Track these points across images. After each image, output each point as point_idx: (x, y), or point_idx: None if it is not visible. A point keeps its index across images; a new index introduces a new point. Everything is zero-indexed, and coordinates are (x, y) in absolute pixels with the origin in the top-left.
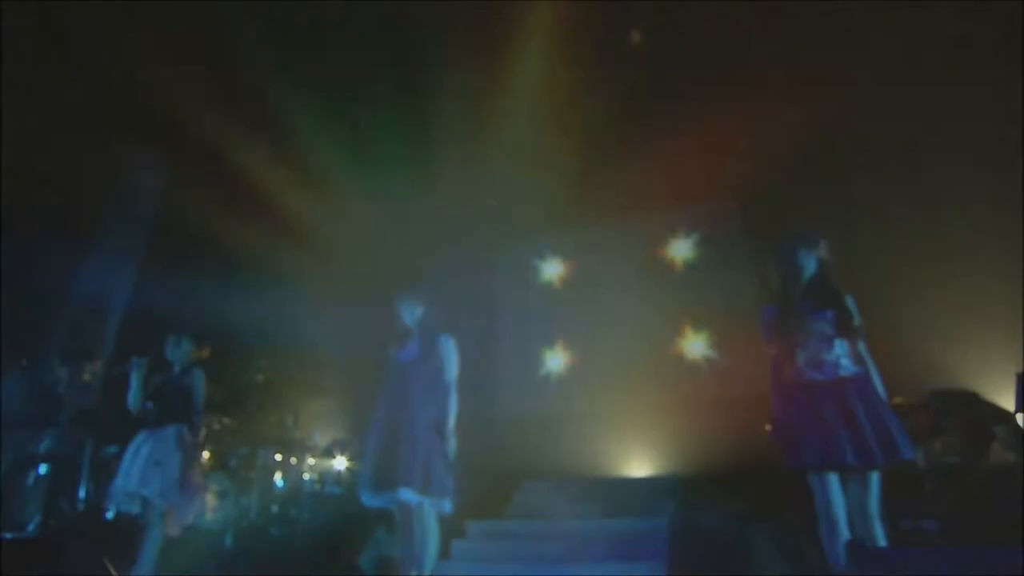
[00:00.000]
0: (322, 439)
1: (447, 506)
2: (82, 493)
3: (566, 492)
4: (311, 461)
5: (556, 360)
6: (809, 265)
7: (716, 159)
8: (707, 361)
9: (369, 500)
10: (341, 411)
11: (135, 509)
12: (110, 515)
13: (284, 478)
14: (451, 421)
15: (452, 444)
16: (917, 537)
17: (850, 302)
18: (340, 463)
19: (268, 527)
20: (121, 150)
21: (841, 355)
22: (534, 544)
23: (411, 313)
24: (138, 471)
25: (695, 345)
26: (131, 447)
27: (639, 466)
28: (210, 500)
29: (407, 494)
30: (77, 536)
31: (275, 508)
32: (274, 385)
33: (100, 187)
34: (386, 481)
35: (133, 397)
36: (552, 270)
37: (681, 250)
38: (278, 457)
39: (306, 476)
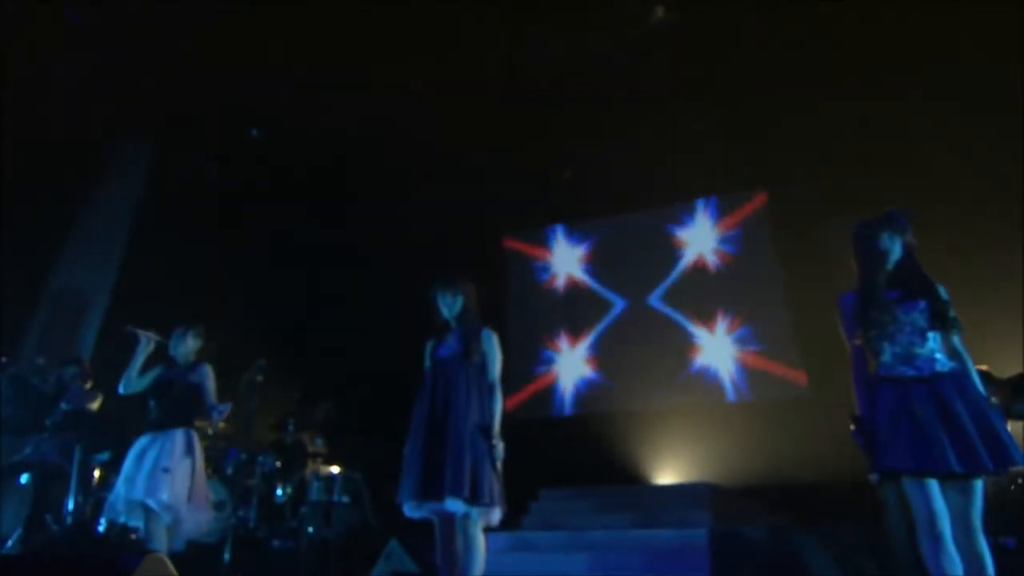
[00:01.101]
0: (327, 444)
1: (496, 516)
2: (70, 505)
3: (587, 500)
4: (316, 468)
5: (572, 359)
6: (895, 249)
7: (743, 144)
8: (738, 361)
9: (412, 511)
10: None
11: (135, 521)
12: (102, 528)
13: (286, 487)
14: (497, 422)
15: (500, 448)
16: (996, 555)
17: (942, 291)
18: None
19: (270, 540)
20: (102, 133)
21: (936, 349)
22: (562, 556)
23: (450, 305)
24: (144, 479)
25: (725, 343)
26: (133, 451)
27: (663, 473)
28: None
29: (455, 504)
30: (65, 552)
31: (277, 519)
32: (276, 386)
33: (79, 172)
34: (432, 490)
35: (128, 377)
36: (567, 262)
37: (707, 241)
38: (279, 464)
39: (312, 484)
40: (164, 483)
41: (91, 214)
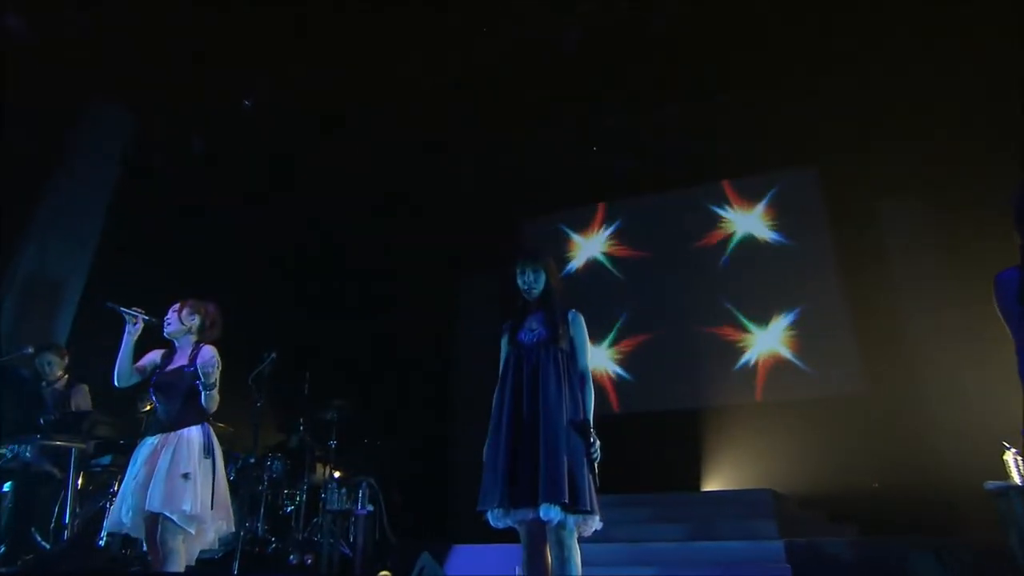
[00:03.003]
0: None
1: (595, 525)
2: (64, 517)
3: (636, 509)
4: (329, 474)
5: (602, 352)
6: None
7: (789, 116)
8: (788, 354)
9: (497, 520)
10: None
11: (138, 534)
12: (101, 543)
13: (298, 494)
14: (591, 416)
15: (598, 447)
16: None
17: None
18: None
19: (285, 553)
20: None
21: None
22: (624, 571)
23: (532, 283)
24: (160, 488)
25: (774, 335)
26: (141, 455)
27: (709, 478)
28: None
29: (552, 511)
30: (61, 570)
31: (285, 530)
32: (282, 382)
33: (50, 143)
34: (524, 496)
35: (121, 367)
36: (595, 245)
37: (754, 223)
38: (288, 469)
39: (332, 492)
40: (186, 491)
41: (63, 190)
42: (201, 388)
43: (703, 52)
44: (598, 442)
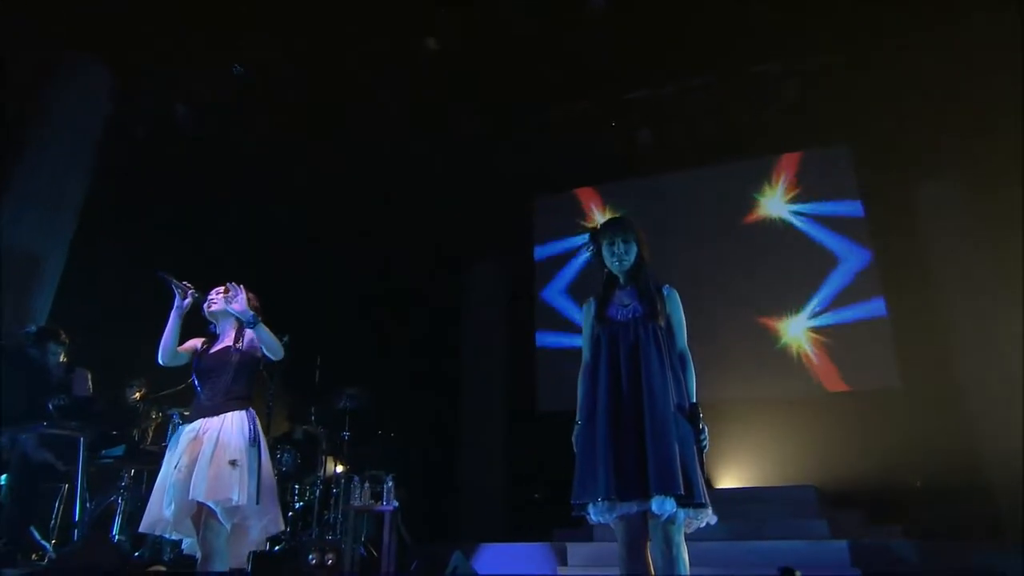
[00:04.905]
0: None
1: (708, 519)
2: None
3: None
4: (343, 467)
5: None
6: None
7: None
8: (819, 345)
9: (600, 514)
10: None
11: (188, 534)
12: (115, 540)
13: (312, 489)
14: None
15: (706, 434)
16: None
17: None
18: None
19: (301, 552)
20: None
21: None
22: None
23: (622, 255)
24: (204, 475)
25: (804, 324)
26: (181, 442)
27: (726, 476)
28: None
29: (667, 504)
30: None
31: (301, 527)
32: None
33: (24, 102)
34: (632, 487)
35: (167, 345)
36: None
37: (782, 205)
38: (299, 462)
39: (355, 488)
40: (232, 480)
41: (37, 157)
42: (250, 327)
43: (733, 24)
44: (707, 428)
